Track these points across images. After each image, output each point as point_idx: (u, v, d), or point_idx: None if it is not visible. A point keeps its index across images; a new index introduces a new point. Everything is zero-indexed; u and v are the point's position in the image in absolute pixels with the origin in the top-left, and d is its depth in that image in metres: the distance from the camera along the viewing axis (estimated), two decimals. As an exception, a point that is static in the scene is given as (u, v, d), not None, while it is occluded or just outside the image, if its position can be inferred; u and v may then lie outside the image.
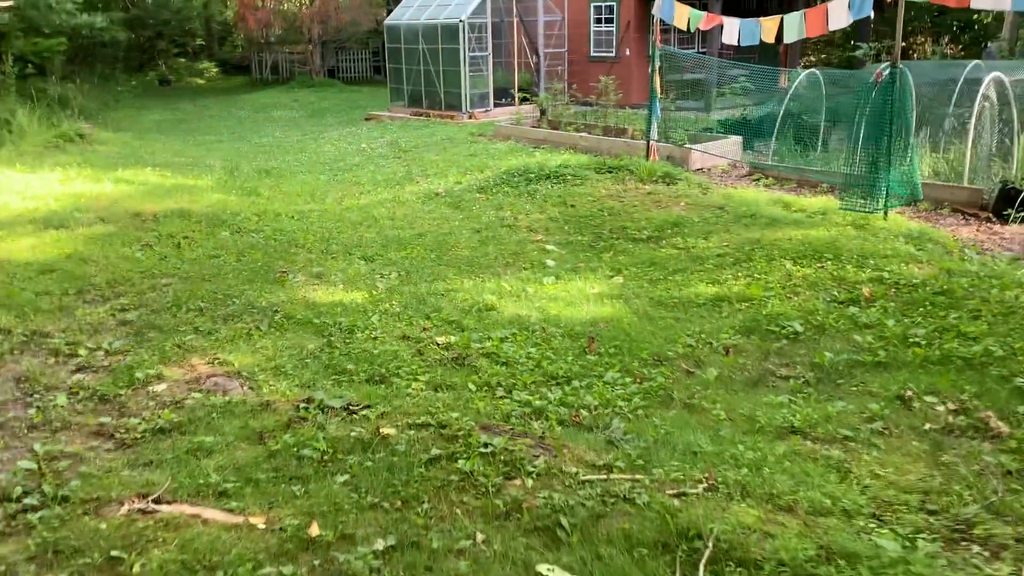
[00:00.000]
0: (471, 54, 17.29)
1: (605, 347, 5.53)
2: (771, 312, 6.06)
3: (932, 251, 7.25)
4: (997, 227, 8.37)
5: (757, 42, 9.39)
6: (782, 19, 8.92)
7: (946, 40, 20.49)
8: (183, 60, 34.48)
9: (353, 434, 3.96)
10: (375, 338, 5.40)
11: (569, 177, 10.26)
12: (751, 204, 8.83)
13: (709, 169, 11.46)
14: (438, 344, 5.39)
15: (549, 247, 7.99)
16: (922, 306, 5.96)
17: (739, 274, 6.90)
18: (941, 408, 4.65)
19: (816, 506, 3.42)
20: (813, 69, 11.15)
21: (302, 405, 4.31)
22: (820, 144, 11.28)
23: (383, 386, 4.57)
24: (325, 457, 3.78)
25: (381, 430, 3.97)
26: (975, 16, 19.86)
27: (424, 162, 12.54)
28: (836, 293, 6.33)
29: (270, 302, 6.09)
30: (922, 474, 3.92)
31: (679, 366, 5.29)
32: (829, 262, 6.92)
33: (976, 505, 3.63)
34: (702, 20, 10.24)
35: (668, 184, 9.80)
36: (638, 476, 3.57)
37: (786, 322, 5.87)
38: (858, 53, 14.82)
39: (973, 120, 8.80)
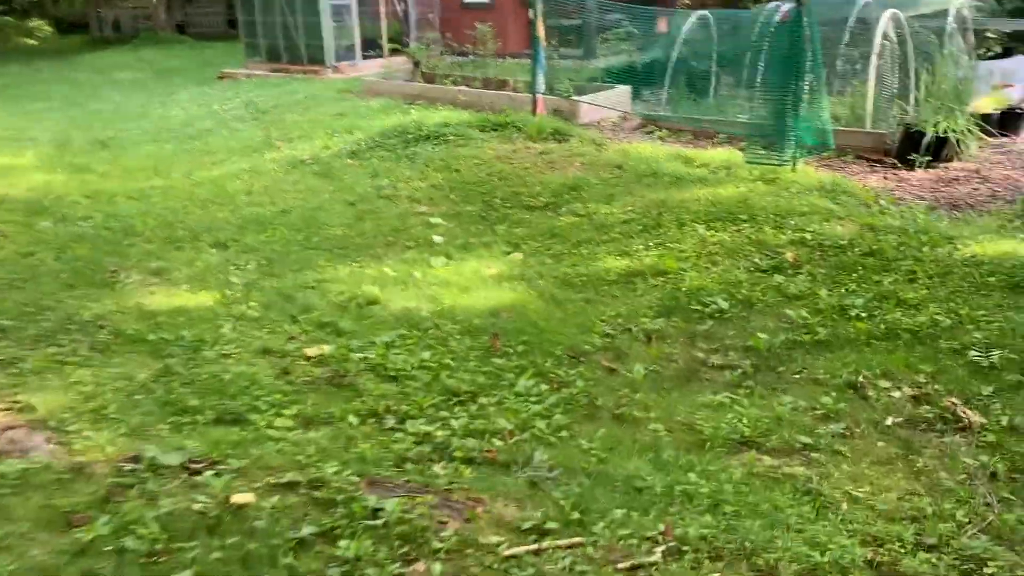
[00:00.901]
0: (333, 2, 15.83)
1: (512, 344, 4.69)
2: (690, 287, 5.37)
3: (849, 205, 6.74)
4: (904, 173, 7.98)
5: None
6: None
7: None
8: (10, 18, 30.95)
9: (195, 507, 2.97)
10: (227, 356, 4.35)
11: (451, 137, 9.28)
12: (650, 161, 8.12)
13: (599, 122, 10.71)
14: (308, 358, 4.40)
15: (435, 220, 7.04)
16: (853, 270, 5.39)
17: (649, 243, 6.17)
18: (899, 394, 4.07)
19: (803, 563, 2.70)
20: (704, 11, 10.53)
21: (127, 466, 3.26)
22: (712, 91, 10.70)
23: (237, 428, 3.57)
24: (156, 548, 2.78)
25: (233, 498, 3.00)
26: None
27: (286, 124, 11.23)
28: (757, 260, 5.70)
29: (94, 314, 4.91)
30: (903, 490, 3.29)
31: (599, 362, 4.51)
32: (744, 224, 6.28)
33: (975, 528, 3.02)
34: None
35: (560, 142, 8.97)
36: (577, 540, 2.76)
37: (708, 298, 5.19)
38: (738, -7, 14.32)
39: (873, 60, 8.34)
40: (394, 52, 15.95)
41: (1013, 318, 4.59)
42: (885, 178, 7.88)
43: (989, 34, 12.10)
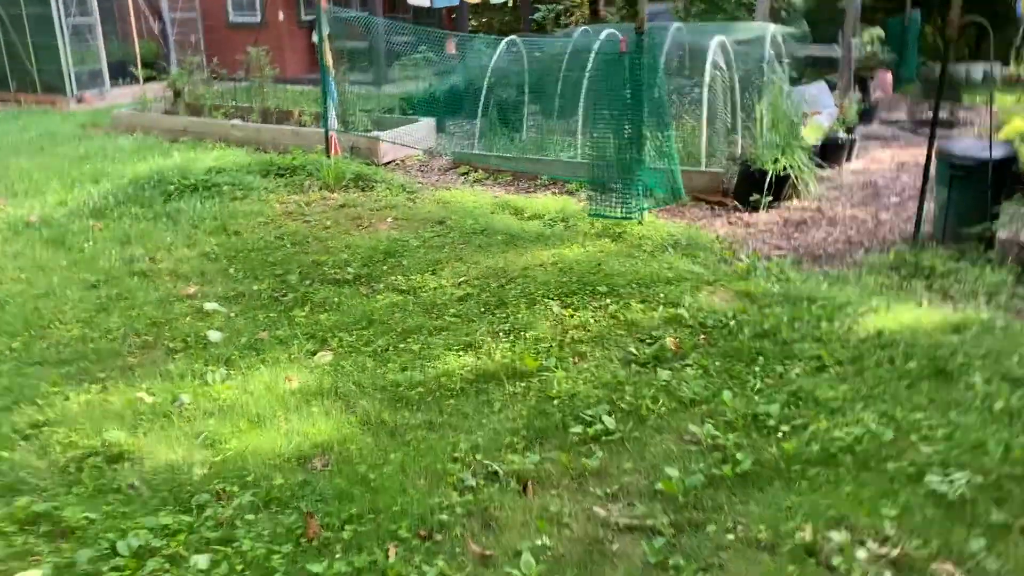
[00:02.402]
0: (71, 20, 13.34)
1: (334, 521, 3.23)
2: (561, 393, 4.16)
3: (711, 263, 5.85)
4: (748, 216, 7.29)
5: (456, 2, 7.40)
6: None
7: (603, 1, 20.28)
8: None
9: None
10: None
11: (226, 187, 7.56)
12: (476, 213, 6.90)
13: (404, 161, 9.36)
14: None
15: (210, 306, 5.38)
16: (750, 359, 4.41)
17: (496, 328, 4.91)
18: (866, 555, 3.04)
19: None
20: (514, 36, 9.50)
21: None
22: (524, 124, 9.68)
23: None
24: None
25: None
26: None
27: (9, 173, 8.92)
28: (633, 349, 4.59)
29: None
30: None
31: (465, 545, 3.15)
32: (606, 298, 5.18)
33: None
34: (379, -26, 7.99)
35: (364, 190, 7.54)
36: None
37: (587, 411, 4.00)
38: (537, 16, 13.54)
39: (705, 92, 7.63)
40: (150, 78, 13.69)
41: (956, 421, 3.76)
42: (731, 223, 7.14)
43: (785, 60, 12.07)
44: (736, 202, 7.53)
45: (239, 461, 3.66)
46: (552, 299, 5.18)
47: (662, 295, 5.13)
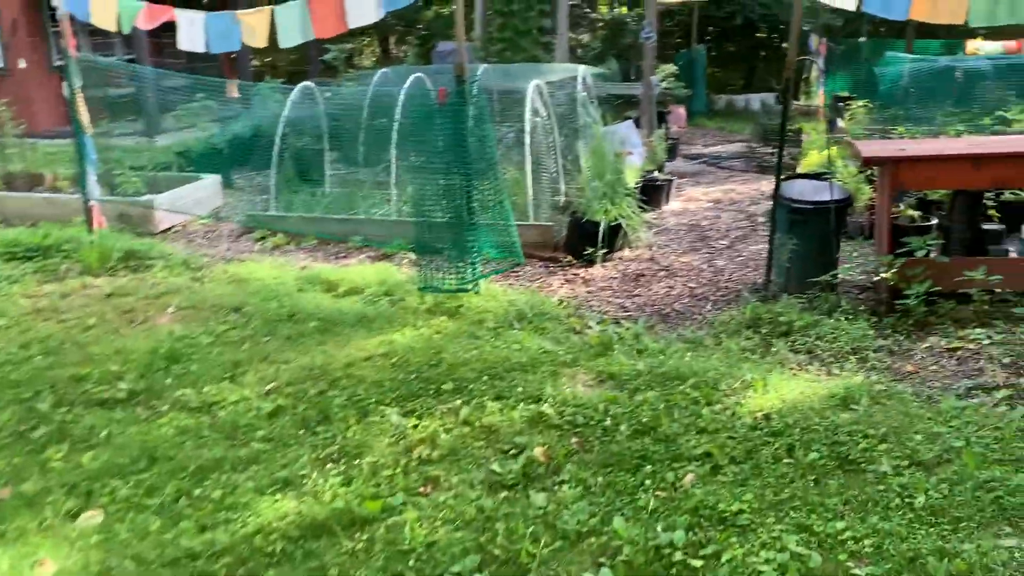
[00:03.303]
0: None
1: None
2: (416, 545, 3.25)
3: (561, 336, 5.17)
4: (584, 272, 6.73)
5: (238, 47, 6.34)
6: (272, 12, 6.00)
7: (394, 40, 19.60)
8: None
9: None
10: None
11: (-48, 280, 6.00)
12: (278, 293, 5.83)
13: (186, 227, 8.06)
14: None
15: (-77, 459, 3.98)
16: (633, 466, 3.72)
17: (321, 455, 3.92)
18: None
19: None
20: (309, 83, 8.48)
21: None
22: (327, 179, 8.69)
23: None
24: None
25: None
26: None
27: None
28: (497, 466, 3.76)
29: None
30: None
31: None
32: (454, 397, 4.34)
33: None
34: (140, 16, 6.76)
35: (137, 271, 6.25)
36: None
37: (453, 568, 3.12)
38: (328, 57, 12.56)
39: (527, 140, 7.03)
40: None
41: (881, 527, 3.24)
42: (569, 281, 6.55)
43: (593, 101, 11.89)
44: (570, 256, 6.97)
45: None
46: (388, 405, 4.26)
47: (519, 388, 4.36)
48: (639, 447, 3.82)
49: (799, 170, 9.23)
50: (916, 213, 6.02)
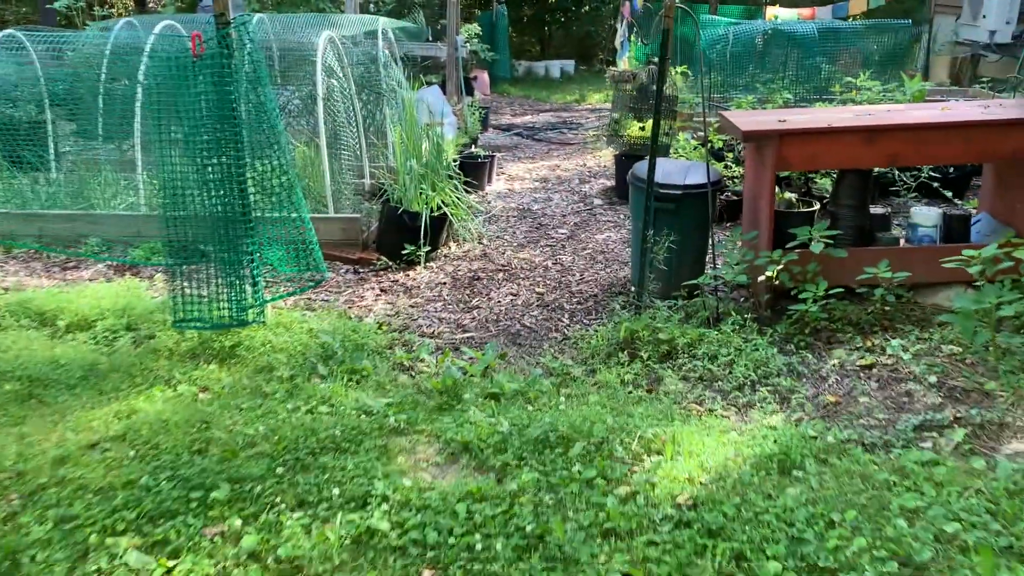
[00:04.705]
0: None
1: None
2: None
3: (384, 381, 3.76)
4: (402, 276, 5.33)
5: None
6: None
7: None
8: None
9: None
10: None
11: None
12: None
13: None
14: None
15: None
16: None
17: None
18: None
19: None
20: (12, 31, 6.33)
21: None
22: (54, 157, 6.61)
23: None
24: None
25: None
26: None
27: None
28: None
29: None
30: None
31: None
32: (228, 512, 2.80)
33: None
34: None
35: None
36: None
37: None
38: (60, 4, 10.08)
39: (320, 108, 5.45)
40: None
41: None
42: (385, 291, 5.12)
43: (399, 62, 10.36)
44: (384, 257, 5.53)
45: None
46: (123, 534, 2.67)
47: (334, 485, 2.90)
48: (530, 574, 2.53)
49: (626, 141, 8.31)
50: (793, 196, 5.15)
